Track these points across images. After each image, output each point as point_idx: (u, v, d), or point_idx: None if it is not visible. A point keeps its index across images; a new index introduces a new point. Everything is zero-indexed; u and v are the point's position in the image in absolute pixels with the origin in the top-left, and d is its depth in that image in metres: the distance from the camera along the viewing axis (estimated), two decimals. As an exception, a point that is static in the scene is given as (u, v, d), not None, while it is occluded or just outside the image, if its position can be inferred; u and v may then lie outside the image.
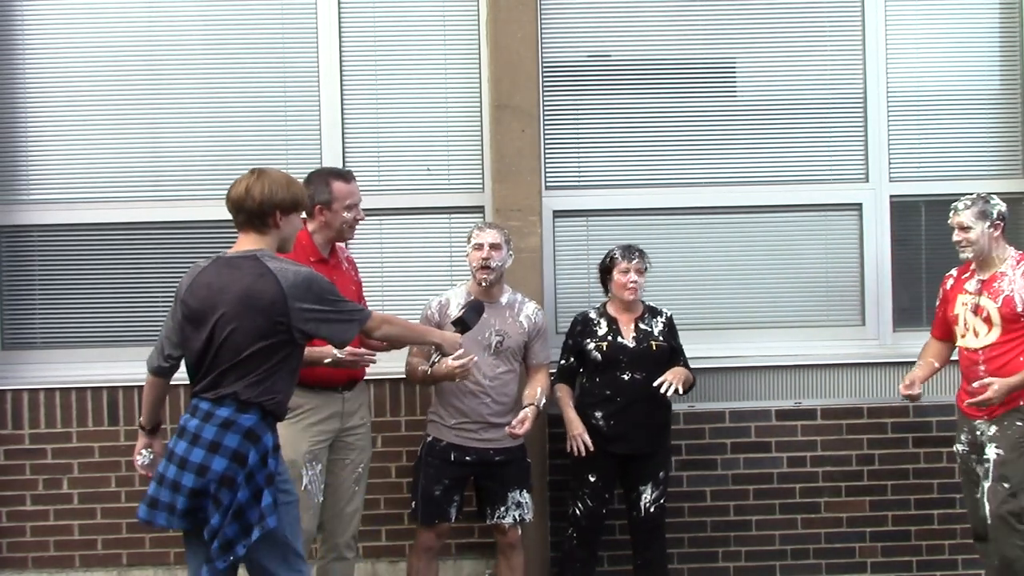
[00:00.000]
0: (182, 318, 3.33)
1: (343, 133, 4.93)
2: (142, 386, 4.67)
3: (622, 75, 4.98)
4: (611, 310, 4.48)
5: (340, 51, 4.92)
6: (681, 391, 4.26)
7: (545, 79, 4.92)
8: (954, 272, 4.40)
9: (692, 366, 4.47)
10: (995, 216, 4.15)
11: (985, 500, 4.09)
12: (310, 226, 4.02)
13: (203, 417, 3.23)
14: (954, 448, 4.37)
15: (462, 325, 3.95)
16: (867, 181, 5.00)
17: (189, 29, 4.93)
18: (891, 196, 4.99)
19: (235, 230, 3.38)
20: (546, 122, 4.92)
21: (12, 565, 4.82)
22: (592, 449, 4.31)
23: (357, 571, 4.54)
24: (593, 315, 4.49)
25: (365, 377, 4.23)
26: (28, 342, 4.95)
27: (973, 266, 4.26)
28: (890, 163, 5.00)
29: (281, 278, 3.21)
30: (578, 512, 4.41)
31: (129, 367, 4.81)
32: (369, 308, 3.55)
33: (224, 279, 3.25)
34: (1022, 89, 5.02)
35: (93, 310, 4.94)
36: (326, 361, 3.81)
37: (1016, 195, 5.03)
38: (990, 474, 4.09)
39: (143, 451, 3.61)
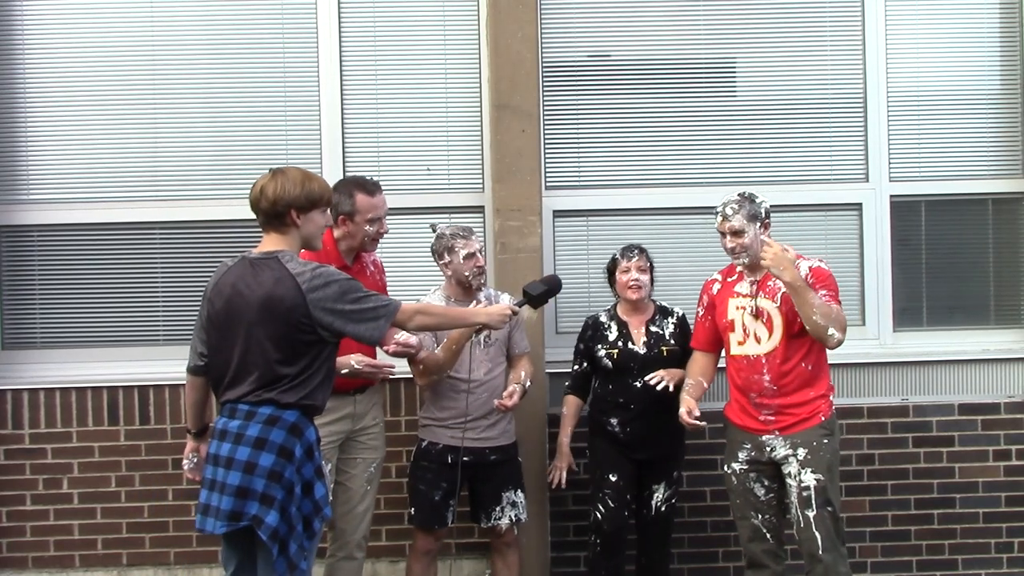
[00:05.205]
0: (208, 318, 3.33)
1: (343, 133, 4.93)
2: (142, 386, 4.79)
3: (622, 75, 4.98)
4: (621, 312, 4.43)
5: (340, 51, 4.92)
6: (671, 389, 4.19)
7: (545, 79, 4.92)
8: (718, 276, 4.17)
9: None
10: (763, 215, 3.95)
11: (815, 530, 3.85)
12: (336, 233, 4.00)
13: (245, 416, 3.21)
14: (725, 468, 4.11)
15: (531, 300, 3.84)
16: (867, 181, 5.00)
17: (189, 29, 4.93)
18: (891, 196, 4.99)
19: (236, 230, 3.40)
20: (546, 122, 4.92)
21: (12, 565, 4.82)
22: (564, 486, 4.41)
23: (357, 571, 4.54)
24: (603, 318, 4.44)
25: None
26: (28, 342, 4.95)
27: (739, 268, 4.03)
28: (890, 163, 4.99)
29: (300, 280, 3.19)
30: (599, 516, 4.33)
31: (129, 367, 4.83)
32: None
33: (247, 283, 3.24)
34: (1022, 89, 5.02)
35: (93, 310, 4.94)
36: (343, 372, 3.78)
37: (1016, 195, 5.03)
38: (813, 501, 3.85)
39: (190, 455, 3.58)
